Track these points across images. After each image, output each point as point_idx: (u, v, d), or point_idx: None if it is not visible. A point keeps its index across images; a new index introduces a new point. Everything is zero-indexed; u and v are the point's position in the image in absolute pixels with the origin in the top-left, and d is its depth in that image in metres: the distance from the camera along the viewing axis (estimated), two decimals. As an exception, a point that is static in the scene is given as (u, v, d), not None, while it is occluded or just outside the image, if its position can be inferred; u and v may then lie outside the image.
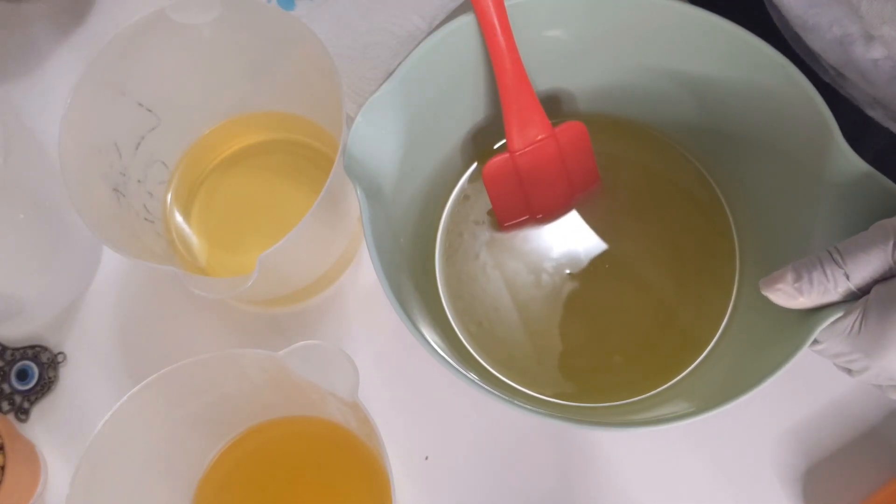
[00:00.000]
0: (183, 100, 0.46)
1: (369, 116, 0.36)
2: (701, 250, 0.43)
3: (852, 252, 0.29)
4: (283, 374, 0.36)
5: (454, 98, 0.41)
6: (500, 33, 0.38)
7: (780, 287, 0.30)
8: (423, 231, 0.44)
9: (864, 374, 0.30)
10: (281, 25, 0.40)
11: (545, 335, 0.42)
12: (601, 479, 0.43)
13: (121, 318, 0.48)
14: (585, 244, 0.44)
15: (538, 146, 0.41)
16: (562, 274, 0.43)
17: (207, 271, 0.47)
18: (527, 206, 0.44)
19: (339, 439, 0.43)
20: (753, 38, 0.37)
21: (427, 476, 0.44)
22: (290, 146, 0.50)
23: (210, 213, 0.49)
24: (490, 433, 0.44)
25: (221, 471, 0.43)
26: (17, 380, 0.46)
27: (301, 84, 0.44)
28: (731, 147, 0.42)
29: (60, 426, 0.46)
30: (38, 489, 0.44)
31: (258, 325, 0.47)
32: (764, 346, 0.35)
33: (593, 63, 0.43)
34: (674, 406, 0.37)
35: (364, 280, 0.48)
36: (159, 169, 0.47)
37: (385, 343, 0.46)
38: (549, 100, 0.45)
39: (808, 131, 0.36)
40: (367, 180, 0.36)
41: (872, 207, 0.33)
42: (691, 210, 0.44)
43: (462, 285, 0.43)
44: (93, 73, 0.39)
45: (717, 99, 0.41)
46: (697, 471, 0.43)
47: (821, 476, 0.43)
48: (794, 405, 0.44)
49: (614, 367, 0.41)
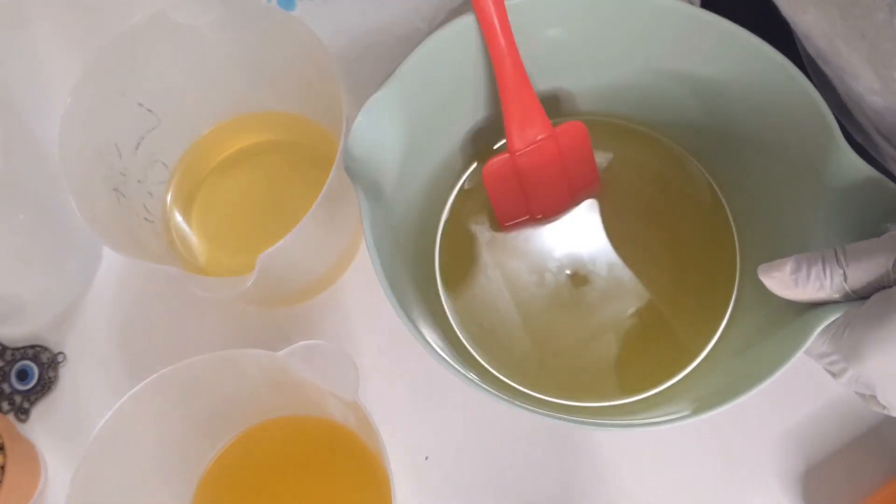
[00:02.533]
0: (183, 100, 0.46)
1: (369, 116, 0.36)
2: (701, 249, 0.43)
3: (857, 255, 0.29)
4: (283, 373, 0.36)
5: (454, 98, 0.41)
6: (500, 33, 0.38)
7: (776, 275, 0.30)
8: (423, 231, 0.44)
9: (842, 378, 0.30)
10: (281, 25, 0.40)
11: (545, 335, 0.42)
12: (601, 478, 0.43)
13: (121, 318, 0.48)
14: (585, 244, 0.44)
15: (538, 146, 0.41)
16: (562, 274, 0.43)
17: (207, 271, 0.47)
18: (527, 207, 0.44)
19: (339, 439, 0.43)
20: (753, 37, 0.37)
21: (427, 476, 0.44)
22: (290, 146, 0.50)
23: (210, 213, 0.49)
24: (490, 433, 0.44)
25: (221, 471, 0.43)
26: (17, 380, 0.46)
27: (301, 84, 0.44)
28: (731, 147, 0.42)
29: (60, 426, 0.46)
30: (38, 489, 0.44)
31: (258, 325, 0.47)
32: (764, 346, 0.35)
33: (593, 63, 0.43)
34: (674, 406, 0.37)
35: (364, 280, 0.48)
36: (159, 169, 0.47)
37: (385, 343, 0.46)
38: (549, 100, 0.45)
39: (808, 132, 0.36)
40: (367, 180, 0.36)
41: (874, 209, 0.32)
42: (691, 210, 0.44)
43: (462, 285, 0.43)
44: (93, 73, 0.39)
45: (717, 99, 0.41)
46: (697, 471, 0.43)
47: (821, 476, 0.43)
48: (794, 405, 0.44)
49: (614, 367, 0.41)
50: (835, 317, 0.29)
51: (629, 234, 0.44)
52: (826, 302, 0.30)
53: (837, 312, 0.29)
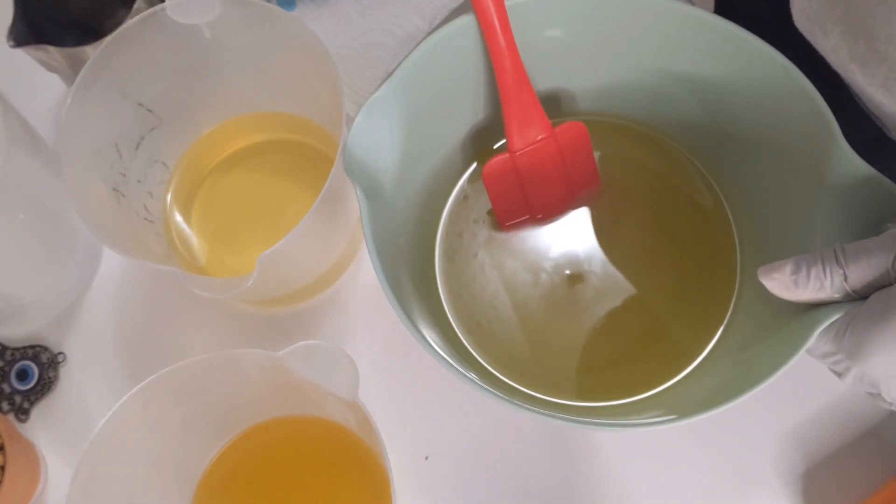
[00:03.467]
0: (183, 100, 0.46)
1: (369, 116, 0.36)
2: (701, 249, 0.43)
3: (857, 255, 0.29)
4: (282, 373, 0.36)
5: (454, 98, 0.41)
6: (500, 33, 0.38)
7: (776, 276, 0.30)
8: (423, 231, 0.44)
9: (846, 377, 0.30)
10: (281, 25, 0.40)
11: (545, 335, 0.42)
12: (600, 478, 0.43)
13: (121, 318, 0.48)
14: (585, 244, 0.44)
15: (538, 146, 0.41)
16: (561, 274, 0.43)
17: (207, 271, 0.47)
18: (527, 206, 0.44)
19: (339, 439, 0.43)
20: (753, 38, 0.37)
21: (427, 476, 0.44)
22: (290, 146, 0.50)
23: (210, 213, 0.49)
24: (490, 433, 0.44)
25: (221, 471, 0.43)
26: (17, 380, 0.46)
27: (301, 84, 0.44)
28: (732, 148, 0.42)
29: (60, 426, 0.46)
30: (38, 489, 0.44)
31: (258, 325, 0.47)
32: (764, 346, 0.35)
33: (593, 63, 0.43)
34: (674, 406, 0.37)
35: (364, 280, 0.48)
36: (159, 169, 0.47)
37: (385, 343, 0.46)
38: (549, 100, 0.45)
39: (809, 132, 0.36)
40: (367, 180, 0.36)
41: (874, 209, 0.33)
42: (692, 210, 0.44)
43: (462, 285, 0.43)
44: (93, 73, 0.39)
45: (717, 99, 0.41)
46: (697, 471, 0.43)
47: (821, 476, 0.43)
48: (794, 405, 0.44)
49: (614, 367, 0.41)
50: (835, 317, 0.29)
51: (629, 234, 0.44)
52: (826, 302, 0.30)
53: (838, 313, 0.29)
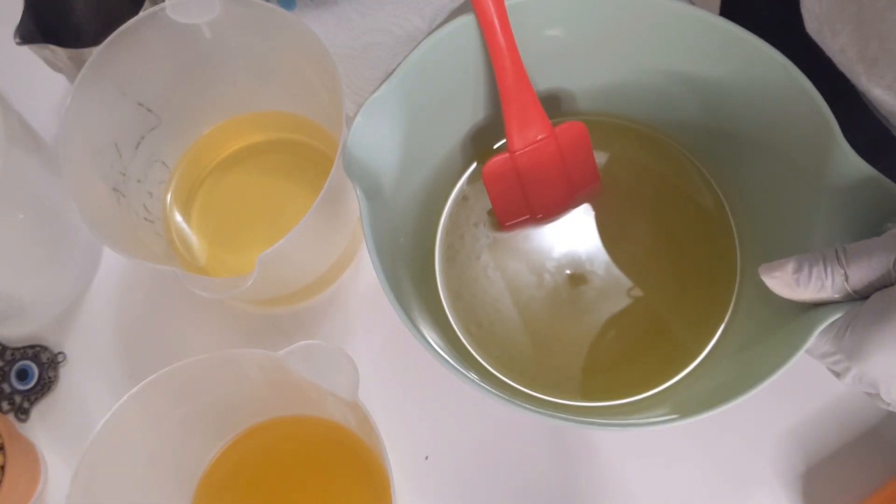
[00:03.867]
0: (183, 100, 0.46)
1: (369, 116, 0.36)
2: (701, 249, 0.43)
3: (858, 255, 0.29)
4: (282, 373, 0.36)
5: (454, 98, 0.41)
6: (500, 33, 0.38)
7: (777, 274, 0.30)
8: (423, 231, 0.44)
9: (845, 377, 0.30)
10: (281, 25, 0.40)
11: (546, 335, 0.42)
12: (601, 478, 0.43)
13: (121, 318, 0.48)
14: (585, 244, 0.44)
15: (538, 146, 0.41)
16: (562, 274, 0.43)
17: (207, 271, 0.47)
18: (527, 206, 0.44)
19: (339, 439, 0.43)
20: (754, 37, 0.37)
21: (427, 476, 0.44)
22: (290, 146, 0.50)
23: (210, 213, 0.49)
24: (490, 433, 0.44)
25: (221, 471, 0.43)
26: (17, 380, 0.46)
27: (301, 84, 0.44)
28: (732, 148, 0.42)
29: (60, 426, 0.46)
30: (38, 489, 0.44)
31: (258, 325, 0.47)
32: (764, 346, 0.35)
33: (594, 63, 0.43)
34: (674, 406, 0.37)
35: (364, 280, 0.48)
36: (159, 169, 0.47)
37: (385, 343, 0.46)
38: (549, 100, 0.45)
39: (809, 132, 0.36)
40: (367, 180, 0.36)
41: (874, 208, 0.32)
42: (692, 210, 0.44)
43: (462, 285, 0.43)
44: (93, 73, 0.39)
45: (718, 99, 0.41)
46: (697, 471, 0.43)
47: (821, 476, 0.43)
48: (794, 405, 0.44)
49: (614, 367, 0.41)
50: (835, 317, 0.29)
51: (629, 234, 0.44)
52: (827, 302, 0.30)
53: (838, 312, 0.29)
